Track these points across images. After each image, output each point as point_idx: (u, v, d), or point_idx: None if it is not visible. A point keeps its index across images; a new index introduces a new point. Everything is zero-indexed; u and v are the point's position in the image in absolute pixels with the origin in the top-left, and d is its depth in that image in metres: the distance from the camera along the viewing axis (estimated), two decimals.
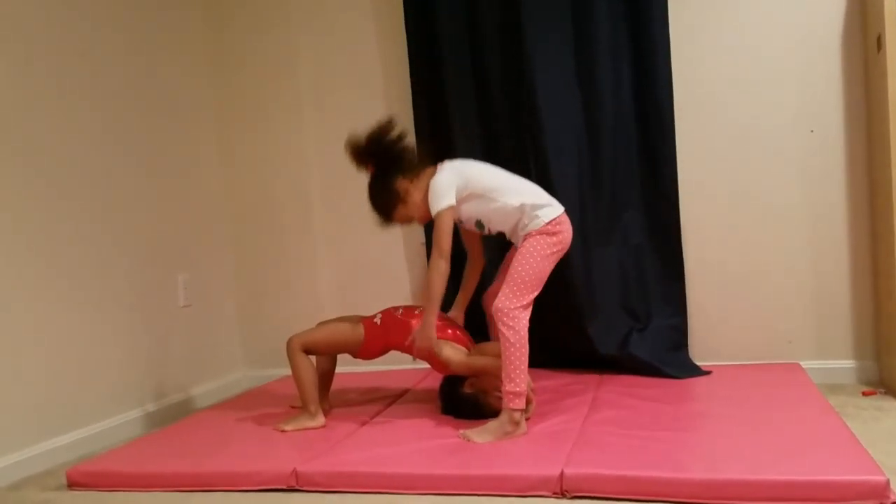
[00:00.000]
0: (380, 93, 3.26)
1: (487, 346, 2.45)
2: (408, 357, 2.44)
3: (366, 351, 2.50)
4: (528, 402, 2.27)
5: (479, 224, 2.39)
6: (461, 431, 2.17)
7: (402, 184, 2.36)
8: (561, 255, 2.34)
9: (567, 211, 2.33)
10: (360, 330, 2.46)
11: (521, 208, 2.29)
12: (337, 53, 3.30)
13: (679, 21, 2.86)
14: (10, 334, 2.33)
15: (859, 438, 1.92)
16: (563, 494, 1.82)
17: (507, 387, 2.17)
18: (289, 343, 2.46)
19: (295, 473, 2.00)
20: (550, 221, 2.28)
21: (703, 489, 1.72)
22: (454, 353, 2.33)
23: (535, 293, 2.26)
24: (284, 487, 2.00)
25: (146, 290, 2.90)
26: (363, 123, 3.22)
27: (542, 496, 1.83)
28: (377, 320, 2.48)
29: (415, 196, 2.36)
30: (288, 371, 3.26)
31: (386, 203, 2.39)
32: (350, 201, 3.31)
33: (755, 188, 2.87)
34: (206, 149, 3.35)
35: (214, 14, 3.41)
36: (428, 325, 2.31)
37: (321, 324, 2.56)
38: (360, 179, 3.26)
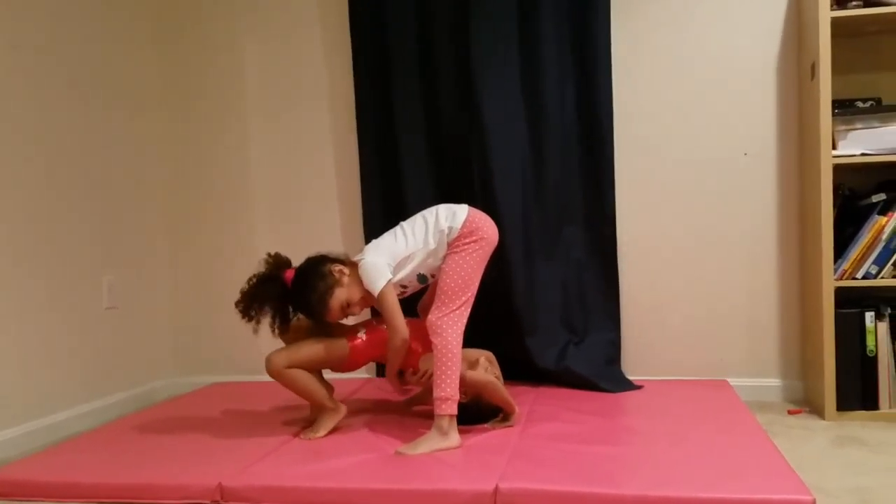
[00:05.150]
0: (325, 106, 3.20)
1: (468, 352, 2.42)
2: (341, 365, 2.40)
3: (350, 366, 2.44)
4: (509, 413, 2.37)
5: (422, 277, 2.39)
6: (397, 449, 2.14)
7: (334, 267, 2.31)
8: (489, 250, 2.36)
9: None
10: (345, 347, 2.38)
11: (441, 237, 2.32)
12: (283, 62, 3.23)
13: (621, 45, 2.91)
14: None
15: (787, 457, 1.96)
16: None
17: (435, 392, 2.18)
18: (269, 364, 2.29)
19: (220, 488, 1.92)
20: (463, 225, 2.32)
21: None
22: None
23: (467, 295, 2.28)
24: (209, 502, 1.92)
25: (68, 290, 2.77)
26: (308, 131, 3.22)
27: None
28: (362, 336, 2.41)
29: (350, 278, 2.32)
30: (217, 379, 3.25)
31: (320, 288, 2.26)
32: (293, 206, 3.26)
33: (690, 209, 2.92)
34: (144, 150, 3.22)
35: (163, 12, 3.32)
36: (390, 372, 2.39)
37: (297, 343, 2.38)
38: (305, 184, 3.23)
